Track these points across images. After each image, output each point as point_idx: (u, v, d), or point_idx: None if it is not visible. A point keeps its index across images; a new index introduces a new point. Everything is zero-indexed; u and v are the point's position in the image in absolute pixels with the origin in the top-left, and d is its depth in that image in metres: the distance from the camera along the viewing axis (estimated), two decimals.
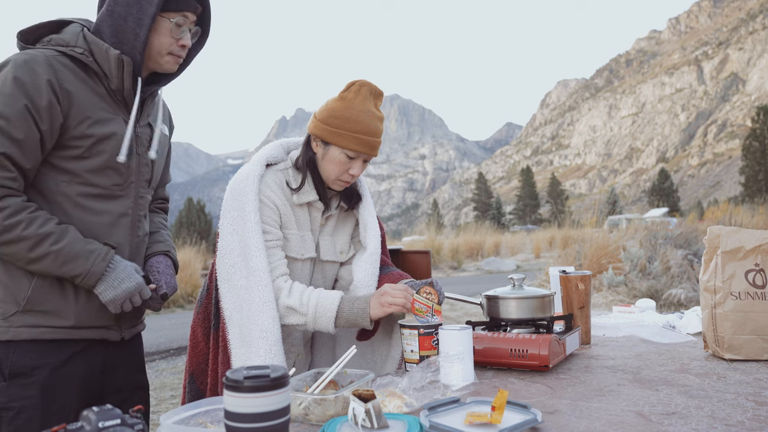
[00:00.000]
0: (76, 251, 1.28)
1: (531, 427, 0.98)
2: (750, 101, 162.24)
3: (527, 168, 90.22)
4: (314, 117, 1.61)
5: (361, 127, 1.54)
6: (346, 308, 1.52)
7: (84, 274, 1.29)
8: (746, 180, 53.70)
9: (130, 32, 1.34)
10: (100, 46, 1.33)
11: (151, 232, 1.59)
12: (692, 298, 6.01)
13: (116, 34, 1.34)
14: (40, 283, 1.29)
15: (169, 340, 7.38)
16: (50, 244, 1.25)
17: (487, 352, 1.45)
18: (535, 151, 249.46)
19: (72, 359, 1.34)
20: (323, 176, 1.61)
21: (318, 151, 1.60)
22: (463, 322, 1.52)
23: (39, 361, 1.29)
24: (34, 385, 1.28)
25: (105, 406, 0.78)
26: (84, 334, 1.35)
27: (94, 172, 1.34)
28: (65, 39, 1.33)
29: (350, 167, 1.58)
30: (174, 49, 1.41)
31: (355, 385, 1.14)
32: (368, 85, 1.58)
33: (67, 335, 1.32)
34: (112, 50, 1.33)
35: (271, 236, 1.57)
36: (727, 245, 1.53)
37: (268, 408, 0.78)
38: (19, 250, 1.24)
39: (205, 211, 38.14)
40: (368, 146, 1.56)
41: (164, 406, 4.28)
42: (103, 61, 1.34)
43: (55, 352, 1.32)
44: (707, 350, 1.57)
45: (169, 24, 1.38)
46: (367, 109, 1.56)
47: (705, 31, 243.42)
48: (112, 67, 1.34)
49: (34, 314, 1.29)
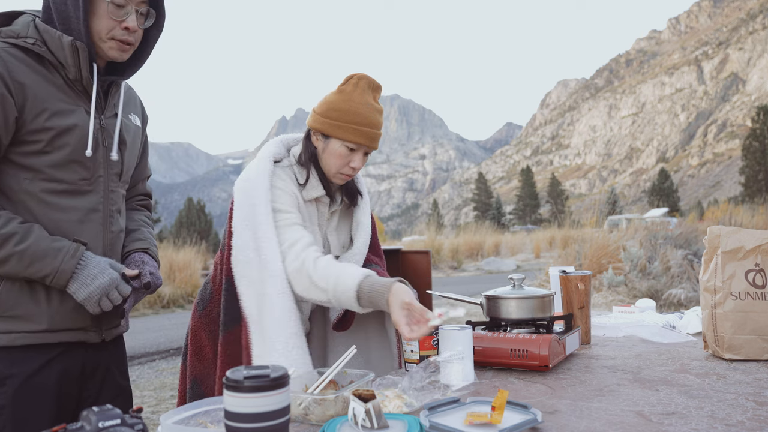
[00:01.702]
0: (42, 250, 1.22)
1: (531, 427, 0.98)
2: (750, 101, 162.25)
3: (527, 168, 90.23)
4: (313, 111, 1.61)
5: (361, 119, 1.54)
6: (366, 286, 1.43)
7: (53, 273, 1.23)
8: (746, 180, 53.72)
9: (72, 16, 1.25)
10: (52, 34, 1.25)
11: (130, 230, 1.52)
12: (692, 298, 6.01)
13: (61, 20, 1.26)
14: (9, 286, 1.24)
15: (169, 340, 7.38)
16: (14, 244, 1.20)
17: (487, 352, 1.45)
18: (535, 151, 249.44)
19: (48, 365, 1.28)
20: (324, 170, 1.60)
21: (318, 144, 1.59)
22: (463, 322, 1.52)
23: (12, 369, 1.23)
24: (5, 395, 1.22)
25: (105, 406, 0.78)
26: (60, 337, 1.29)
27: (57, 167, 1.28)
28: (15, 30, 1.26)
29: (351, 160, 1.57)
30: (116, 33, 1.30)
31: (355, 385, 1.14)
32: (366, 78, 1.58)
33: (42, 339, 1.26)
34: (65, 37, 1.25)
35: (292, 216, 1.54)
36: (727, 245, 1.53)
37: (268, 408, 0.78)
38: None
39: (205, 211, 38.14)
40: (368, 138, 1.56)
41: (164, 406, 4.28)
42: (57, 49, 1.26)
43: (30, 359, 1.26)
44: (707, 350, 1.57)
45: (109, 6, 1.27)
46: (366, 101, 1.55)
47: (705, 31, 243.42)
48: (67, 56, 1.26)
49: (5, 320, 1.23)
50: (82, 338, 1.34)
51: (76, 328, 1.32)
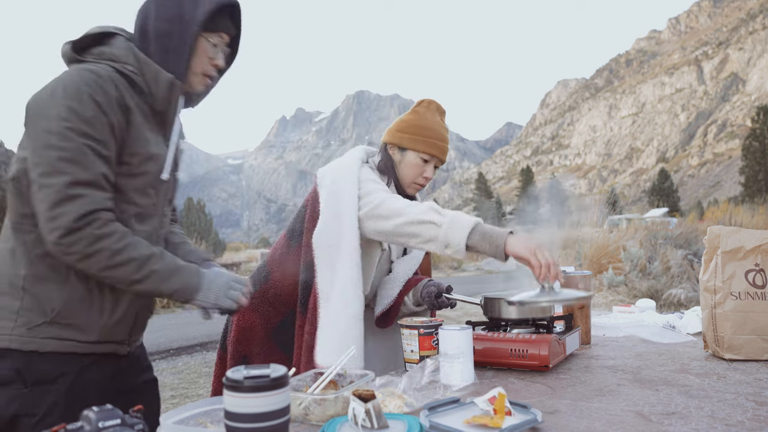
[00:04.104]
0: (172, 268, 1.30)
1: (531, 427, 0.98)
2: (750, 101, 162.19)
3: (527, 168, 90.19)
4: (389, 129, 1.83)
5: (433, 134, 1.76)
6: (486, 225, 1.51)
7: (182, 288, 1.31)
8: (746, 180, 53.69)
9: (174, 51, 1.33)
10: (151, 66, 1.31)
11: (178, 243, 1.60)
12: (692, 298, 6.02)
13: (160, 50, 1.33)
14: (72, 296, 1.28)
15: (169, 340, 7.39)
16: (153, 263, 1.27)
17: (487, 352, 1.45)
18: (535, 151, 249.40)
19: (90, 366, 1.33)
20: (400, 179, 1.80)
21: (395, 157, 1.79)
22: (463, 322, 1.52)
23: (63, 368, 1.28)
24: (58, 392, 1.26)
25: (105, 406, 0.78)
26: (100, 348, 1.35)
27: (137, 191, 1.34)
28: (116, 54, 1.31)
29: (424, 171, 1.78)
30: (207, 69, 1.40)
31: (355, 385, 1.14)
32: (435, 102, 1.83)
33: (88, 349, 1.32)
34: (163, 73, 1.32)
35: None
36: (727, 245, 1.53)
37: (268, 408, 0.78)
38: (127, 272, 1.24)
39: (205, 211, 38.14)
40: (440, 150, 1.77)
41: (164, 406, 4.28)
42: (152, 81, 1.32)
43: (75, 361, 1.31)
44: (707, 350, 1.57)
45: (207, 44, 1.37)
46: (437, 120, 1.80)
47: (705, 31, 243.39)
48: (160, 90, 1.33)
49: (60, 327, 1.27)
50: (115, 350, 1.39)
51: (115, 341, 1.37)
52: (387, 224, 1.57)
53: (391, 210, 1.57)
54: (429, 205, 1.55)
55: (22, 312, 1.24)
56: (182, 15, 1.31)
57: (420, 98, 1.89)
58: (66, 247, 1.17)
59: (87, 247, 1.18)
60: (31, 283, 1.25)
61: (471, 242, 1.46)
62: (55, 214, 1.16)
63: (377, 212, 1.59)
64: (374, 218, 1.59)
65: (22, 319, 1.23)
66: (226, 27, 1.40)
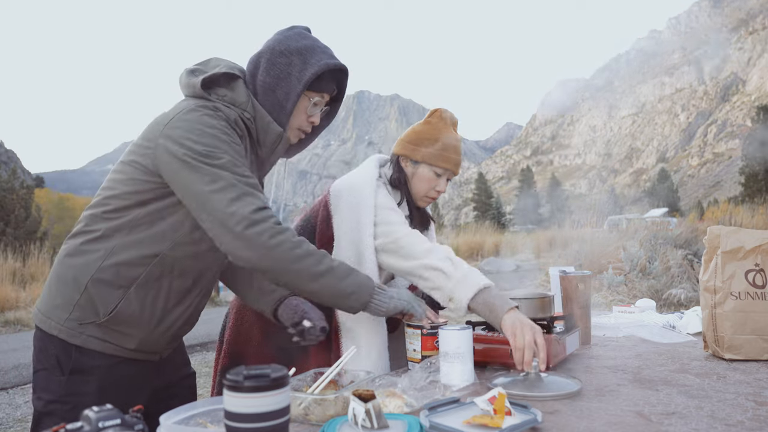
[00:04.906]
0: (348, 269, 1.34)
1: (531, 427, 0.98)
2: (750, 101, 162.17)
3: (527, 168, 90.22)
4: (401, 140, 1.78)
5: (447, 147, 1.72)
6: (494, 291, 1.49)
7: (358, 290, 1.34)
8: (746, 180, 53.70)
9: (277, 104, 1.39)
10: (264, 118, 1.38)
11: None
12: (692, 298, 6.02)
13: (266, 102, 1.39)
14: (125, 308, 1.30)
15: None
16: (329, 259, 1.31)
17: (487, 352, 1.45)
18: (535, 151, 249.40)
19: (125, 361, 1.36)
20: (412, 192, 1.77)
21: (408, 170, 1.75)
22: (463, 322, 1.52)
23: (99, 361, 1.31)
24: (94, 382, 1.30)
25: (105, 406, 0.78)
26: (137, 355, 1.37)
27: None
28: (237, 99, 1.37)
29: (437, 184, 1.74)
30: (303, 126, 1.46)
31: (355, 385, 1.14)
32: (449, 113, 1.79)
33: (126, 355, 1.35)
34: (274, 125, 1.39)
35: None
36: (727, 245, 1.53)
37: (268, 408, 0.78)
38: (308, 265, 1.27)
39: None
40: (453, 163, 1.74)
41: None
42: (261, 130, 1.40)
43: (112, 358, 1.34)
44: (707, 350, 1.57)
45: (308, 102, 1.43)
46: (450, 132, 1.75)
47: (705, 31, 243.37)
48: (269, 139, 1.41)
49: (107, 330, 1.30)
50: (149, 358, 1.42)
51: (152, 351, 1.41)
52: (403, 264, 1.57)
53: (410, 254, 1.56)
54: (446, 253, 1.56)
55: (78, 307, 1.29)
56: (290, 73, 1.38)
57: (420, 98, 1.96)
58: (252, 237, 1.22)
59: (270, 238, 1.23)
60: (94, 284, 1.29)
61: (473, 304, 1.46)
62: (235, 209, 1.22)
63: (395, 249, 1.59)
64: (391, 253, 1.60)
65: (75, 314, 1.29)
66: (329, 88, 1.46)
